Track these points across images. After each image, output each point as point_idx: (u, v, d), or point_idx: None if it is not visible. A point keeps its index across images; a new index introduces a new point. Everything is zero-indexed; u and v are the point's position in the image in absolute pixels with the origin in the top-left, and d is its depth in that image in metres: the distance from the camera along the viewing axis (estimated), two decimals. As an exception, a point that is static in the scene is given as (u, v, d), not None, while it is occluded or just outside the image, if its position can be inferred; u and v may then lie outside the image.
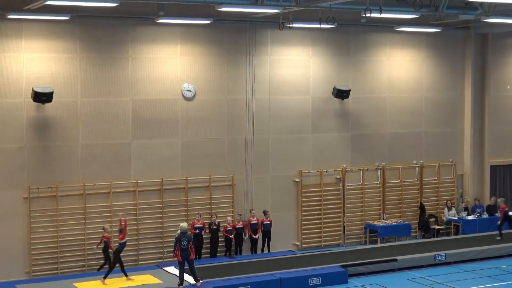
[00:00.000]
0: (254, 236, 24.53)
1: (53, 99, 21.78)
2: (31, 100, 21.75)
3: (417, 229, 28.04)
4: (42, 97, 21.60)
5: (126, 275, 20.68)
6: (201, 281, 20.26)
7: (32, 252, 22.05)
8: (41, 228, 22.12)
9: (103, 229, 21.58)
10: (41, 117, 22.18)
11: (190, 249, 20.16)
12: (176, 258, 20.42)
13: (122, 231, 20.54)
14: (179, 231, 20.33)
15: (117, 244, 20.71)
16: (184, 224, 20.64)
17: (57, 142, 22.42)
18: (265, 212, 24.80)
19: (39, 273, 22.08)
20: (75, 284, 20.40)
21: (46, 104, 21.95)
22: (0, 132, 21.73)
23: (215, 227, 23.87)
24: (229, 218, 24.25)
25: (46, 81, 22.08)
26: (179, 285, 20.06)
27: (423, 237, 27.83)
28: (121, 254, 20.67)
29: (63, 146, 22.51)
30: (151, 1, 21.39)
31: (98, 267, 22.25)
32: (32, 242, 22.04)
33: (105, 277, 20.38)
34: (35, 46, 22.02)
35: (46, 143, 22.29)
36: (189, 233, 20.79)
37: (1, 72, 21.66)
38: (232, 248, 24.37)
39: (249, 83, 24.87)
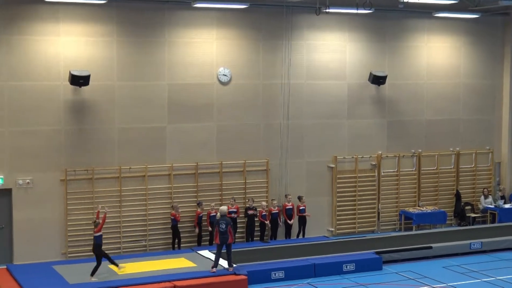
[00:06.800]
0: (289, 221, 24.52)
1: (90, 82, 21.93)
2: (68, 83, 21.92)
3: (452, 217, 27.83)
4: (79, 80, 21.75)
5: (115, 264, 20.07)
6: (234, 266, 20.31)
7: (68, 234, 22.27)
8: (77, 210, 22.32)
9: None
10: (78, 100, 22.35)
11: (229, 233, 20.22)
12: (215, 241, 20.57)
13: (98, 224, 19.66)
14: (218, 213, 20.48)
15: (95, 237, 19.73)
16: (223, 208, 20.82)
17: (94, 125, 22.59)
18: (300, 198, 24.77)
19: (75, 254, 22.30)
20: (110, 266, 20.55)
21: (83, 87, 22.10)
22: (38, 115, 21.93)
23: (252, 211, 23.90)
24: (264, 203, 24.25)
25: (83, 64, 22.23)
26: (212, 267, 20.15)
27: (459, 225, 27.63)
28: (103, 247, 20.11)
29: (99, 129, 22.67)
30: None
31: (135, 249, 22.57)
32: (68, 223, 22.25)
33: (92, 274, 19.52)
34: (72, 29, 22.16)
35: (83, 126, 22.46)
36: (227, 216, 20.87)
37: (39, 55, 21.84)
38: (267, 233, 24.38)
39: (285, 68, 24.80)
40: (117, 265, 20.12)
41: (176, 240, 23.12)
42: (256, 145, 24.78)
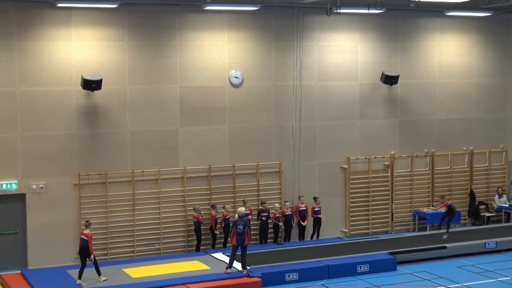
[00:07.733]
0: (302, 223, 24.48)
1: (102, 87, 21.97)
2: (80, 87, 21.98)
3: (466, 217, 27.71)
4: (91, 85, 21.81)
5: (99, 273, 19.79)
6: (248, 268, 20.30)
7: (82, 238, 22.35)
8: (90, 214, 22.34)
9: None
10: (90, 104, 22.40)
11: (246, 235, 20.25)
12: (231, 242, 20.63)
13: (89, 225, 19.71)
14: (236, 215, 20.67)
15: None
16: (242, 209, 20.92)
17: (106, 129, 22.63)
18: (315, 199, 24.73)
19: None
20: (125, 270, 20.61)
21: (95, 92, 22.16)
22: (51, 120, 22.00)
23: (265, 213, 23.88)
24: (277, 205, 24.22)
25: (95, 68, 22.28)
26: (227, 268, 20.18)
27: (473, 224, 27.51)
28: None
29: (112, 133, 22.71)
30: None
31: (149, 252, 22.69)
32: (81, 227, 22.28)
33: (99, 274, 19.73)
34: (84, 34, 22.21)
35: (96, 130, 22.51)
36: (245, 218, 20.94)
37: (51, 60, 21.91)
38: (280, 234, 24.35)
39: (297, 70, 24.76)
40: (99, 274, 19.77)
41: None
42: (268, 147, 24.76)
